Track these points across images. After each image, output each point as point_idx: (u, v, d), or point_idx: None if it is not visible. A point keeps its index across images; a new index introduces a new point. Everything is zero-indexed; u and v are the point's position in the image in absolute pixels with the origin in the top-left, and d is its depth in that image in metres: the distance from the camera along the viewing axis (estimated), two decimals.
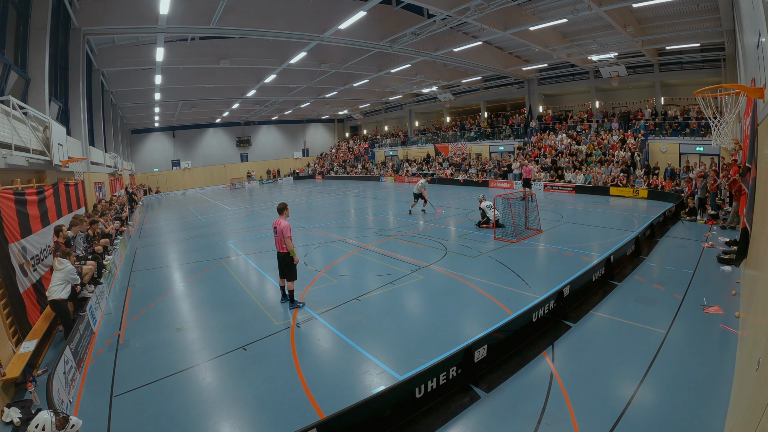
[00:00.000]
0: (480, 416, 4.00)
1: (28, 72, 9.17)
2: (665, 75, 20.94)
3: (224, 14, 12.25)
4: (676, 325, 5.55)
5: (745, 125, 7.65)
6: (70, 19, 12.02)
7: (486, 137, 29.39)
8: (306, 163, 45.03)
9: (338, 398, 4.30)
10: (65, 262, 5.85)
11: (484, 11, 13.06)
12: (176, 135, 37.72)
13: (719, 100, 7.55)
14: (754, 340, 3.41)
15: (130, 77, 19.54)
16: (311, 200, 24.12)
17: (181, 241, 14.19)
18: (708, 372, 4.40)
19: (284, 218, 6.91)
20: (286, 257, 6.86)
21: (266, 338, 5.92)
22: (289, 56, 17.78)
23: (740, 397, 3.25)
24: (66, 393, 4.41)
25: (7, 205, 5.84)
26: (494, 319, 5.87)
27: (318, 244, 11.70)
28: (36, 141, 7.80)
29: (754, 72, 6.41)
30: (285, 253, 6.84)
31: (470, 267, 8.66)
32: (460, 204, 18.06)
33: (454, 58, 19.89)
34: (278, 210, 7.03)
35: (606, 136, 21.74)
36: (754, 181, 5.57)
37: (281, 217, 6.91)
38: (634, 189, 17.30)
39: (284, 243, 6.75)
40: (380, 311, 6.70)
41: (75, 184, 11.21)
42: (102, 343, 6.22)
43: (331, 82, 24.66)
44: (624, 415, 3.79)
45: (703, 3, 14.64)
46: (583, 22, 17.10)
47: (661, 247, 9.58)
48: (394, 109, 40.02)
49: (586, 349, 5.11)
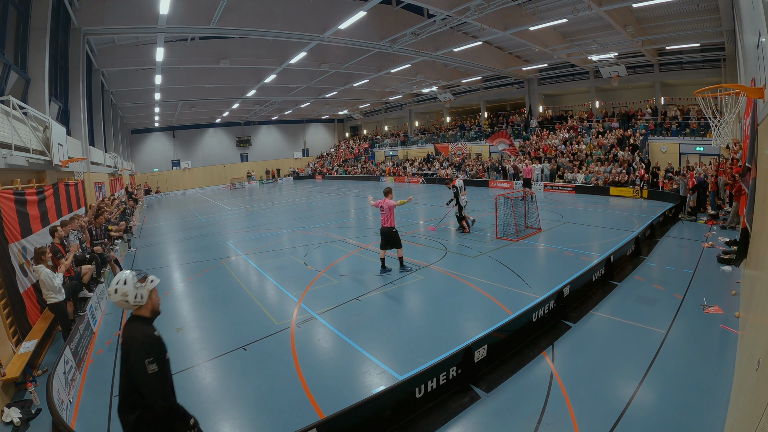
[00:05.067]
0: (480, 416, 4.00)
1: (28, 72, 9.17)
2: (665, 75, 20.94)
3: (224, 14, 12.25)
4: (676, 325, 5.55)
5: (745, 125, 7.65)
6: (70, 19, 12.02)
7: (486, 137, 29.39)
8: (306, 163, 45.04)
9: (338, 398, 4.29)
10: (39, 269, 5.52)
11: (484, 11, 13.06)
12: (176, 135, 37.72)
13: (719, 100, 7.54)
14: (754, 340, 3.41)
15: (130, 77, 19.54)
16: (311, 200, 24.12)
17: (181, 241, 14.19)
18: (708, 372, 4.40)
19: (389, 198, 8.35)
20: (390, 231, 8.23)
21: (266, 338, 5.92)
22: (289, 56, 17.78)
23: (740, 397, 3.25)
24: (66, 393, 4.40)
25: (7, 205, 5.84)
26: (494, 319, 5.87)
27: (318, 244, 11.70)
28: (36, 141, 7.80)
29: (754, 72, 6.41)
30: (389, 228, 8.21)
31: (470, 267, 8.66)
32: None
33: (454, 58, 19.89)
34: (385, 192, 8.51)
35: (608, 136, 21.74)
36: (754, 181, 5.57)
37: (387, 198, 8.35)
38: (635, 189, 17.30)
39: (391, 217, 8.20)
40: (380, 311, 6.70)
41: (75, 184, 11.21)
42: (102, 343, 6.23)
43: (331, 82, 24.66)
44: (624, 415, 3.79)
45: (703, 3, 14.64)
46: (583, 22, 17.10)
47: (661, 247, 9.58)
48: (394, 109, 40.02)
49: (586, 349, 5.11)
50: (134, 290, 2.67)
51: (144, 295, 2.71)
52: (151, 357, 2.55)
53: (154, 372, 2.54)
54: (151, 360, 2.54)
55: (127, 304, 2.67)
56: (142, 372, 2.51)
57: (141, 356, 2.53)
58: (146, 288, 2.73)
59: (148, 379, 2.52)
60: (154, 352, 2.59)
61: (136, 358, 2.53)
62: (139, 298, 2.69)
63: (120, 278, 2.68)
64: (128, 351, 2.58)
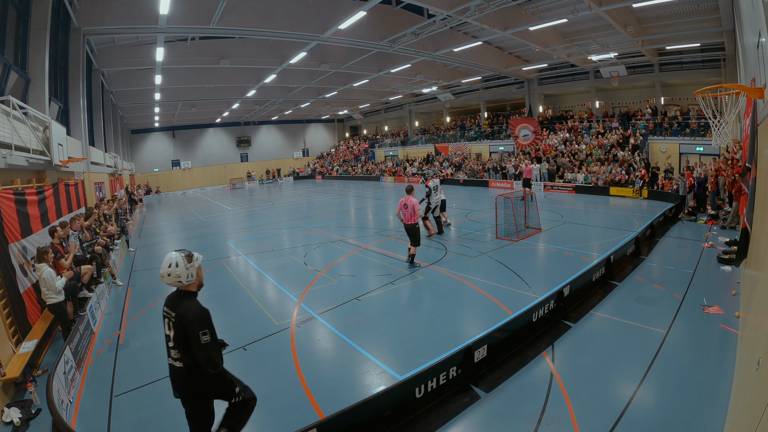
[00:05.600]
0: (480, 416, 4.00)
1: (28, 72, 9.17)
2: (665, 75, 20.94)
3: (224, 14, 12.25)
4: (676, 325, 5.55)
5: (745, 125, 7.65)
6: (70, 19, 12.02)
7: (486, 137, 29.39)
8: (306, 163, 45.03)
9: (338, 398, 4.29)
10: (41, 268, 5.53)
11: (484, 11, 13.06)
12: (176, 135, 37.71)
13: (719, 100, 7.54)
14: (754, 340, 3.41)
15: (130, 77, 19.54)
16: (311, 200, 24.12)
17: (181, 241, 14.19)
18: (708, 372, 4.40)
19: (412, 197, 8.70)
20: (413, 228, 8.55)
21: (266, 338, 5.92)
22: (289, 56, 17.78)
23: (740, 397, 3.25)
24: (66, 393, 4.40)
25: (7, 205, 5.84)
26: (494, 319, 5.87)
27: (318, 244, 11.70)
28: (36, 141, 7.80)
29: (754, 72, 6.41)
30: (412, 224, 8.53)
31: (470, 267, 8.66)
32: (459, 204, 18.07)
33: (454, 58, 19.89)
34: (407, 191, 8.90)
35: (608, 136, 21.74)
36: (754, 181, 5.57)
37: (410, 196, 8.68)
38: (635, 189, 17.30)
39: (414, 215, 8.48)
40: (380, 311, 6.70)
41: (75, 184, 11.21)
42: (102, 343, 6.22)
43: (331, 82, 24.66)
44: (624, 415, 3.79)
45: (703, 3, 14.64)
46: (583, 22, 17.09)
47: (661, 247, 9.58)
48: (394, 109, 40.01)
49: (586, 349, 5.11)
50: (186, 270, 2.94)
51: (194, 273, 3.00)
52: (205, 329, 2.87)
53: (206, 342, 2.86)
54: (205, 332, 2.86)
55: (180, 283, 2.96)
56: (198, 343, 2.82)
57: (196, 329, 2.83)
58: (194, 266, 3.01)
59: (202, 348, 2.83)
60: (206, 324, 2.90)
61: (193, 332, 2.82)
62: (190, 277, 2.97)
63: (170, 261, 2.92)
64: (185, 325, 2.86)
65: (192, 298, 3.01)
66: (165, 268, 2.92)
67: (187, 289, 3.01)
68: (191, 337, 2.82)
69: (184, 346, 2.88)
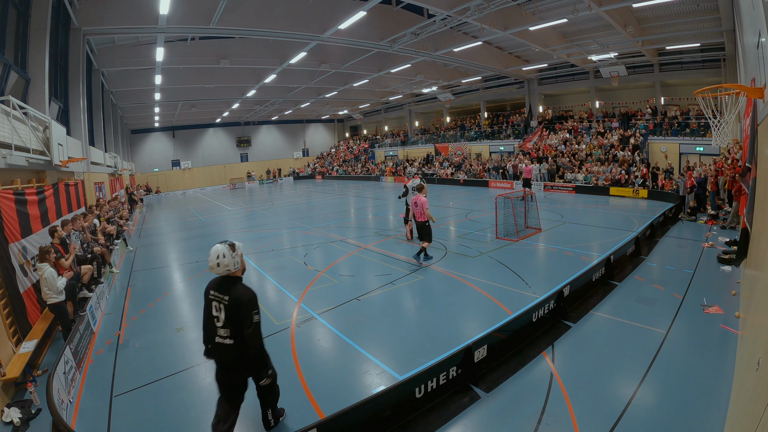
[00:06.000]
0: (480, 416, 4.00)
1: (28, 72, 9.17)
2: (665, 75, 20.94)
3: (224, 14, 12.25)
4: (676, 325, 5.55)
5: (745, 125, 7.65)
6: (70, 19, 12.02)
7: (486, 137, 29.39)
8: (306, 163, 45.04)
9: (338, 398, 4.29)
10: (43, 267, 5.53)
11: (484, 11, 13.06)
12: (176, 135, 37.70)
13: (719, 100, 7.54)
14: (754, 340, 3.41)
15: (130, 77, 19.54)
16: (311, 200, 24.12)
17: (181, 241, 14.19)
18: (708, 372, 4.40)
19: (423, 195, 8.82)
20: (424, 224, 8.85)
21: (266, 338, 5.84)
22: (289, 56, 17.78)
23: (740, 397, 3.25)
24: (66, 393, 4.40)
25: (7, 205, 5.84)
26: (494, 319, 5.87)
27: (318, 244, 11.70)
28: (36, 141, 7.80)
29: (754, 72, 6.41)
30: (423, 221, 8.82)
31: (470, 267, 8.66)
32: (459, 204, 18.07)
33: (454, 58, 19.89)
34: (418, 188, 8.99)
35: (608, 137, 21.75)
36: (754, 181, 5.57)
37: (420, 194, 8.82)
38: (634, 189, 17.30)
39: (424, 213, 8.72)
40: (380, 311, 6.70)
41: (75, 184, 11.22)
42: (102, 343, 6.22)
43: (331, 82, 24.66)
44: (624, 415, 3.79)
45: (703, 3, 14.65)
46: (583, 22, 17.10)
47: (661, 247, 9.58)
48: (394, 109, 40.01)
49: (586, 349, 5.11)
50: (232, 259, 3.28)
51: (238, 261, 3.34)
52: (256, 309, 3.26)
53: (257, 321, 3.27)
54: (256, 312, 3.25)
55: (229, 271, 3.29)
56: (250, 323, 3.20)
57: (250, 309, 3.21)
58: (238, 255, 3.34)
59: (253, 326, 3.22)
60: (257, 305, 3.29)
61: (246, 312, 3.20)
62: (236, 264, 3.32)
63: (218, 253, 3.24)
64: (239, 306, 3.21)
65: (240, 282, 3.35)
66: (213, 260, 3.22)
67: (234, 275, 3.33)
68: (244, 318, 3.17)
69: (235, 325, 3.22)
